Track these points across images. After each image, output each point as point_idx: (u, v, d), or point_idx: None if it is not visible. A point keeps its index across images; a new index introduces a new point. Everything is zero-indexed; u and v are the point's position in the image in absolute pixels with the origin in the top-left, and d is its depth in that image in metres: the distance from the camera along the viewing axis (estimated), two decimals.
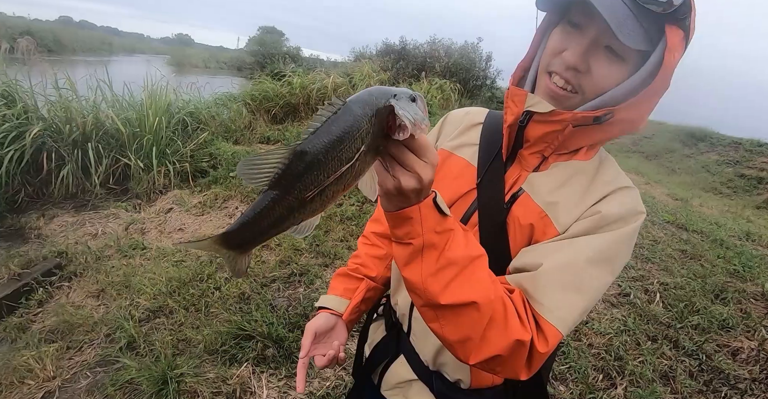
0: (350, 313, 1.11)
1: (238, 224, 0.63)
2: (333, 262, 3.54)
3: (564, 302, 0.72)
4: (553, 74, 0.81)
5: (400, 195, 0.62)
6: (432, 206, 0.65)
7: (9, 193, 4.08)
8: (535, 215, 0.83)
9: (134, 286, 2.99)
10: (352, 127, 0.55)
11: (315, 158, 0.55)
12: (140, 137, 4.78)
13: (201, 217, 4.20)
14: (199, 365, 2.35)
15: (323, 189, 0.57)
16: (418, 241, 0.65)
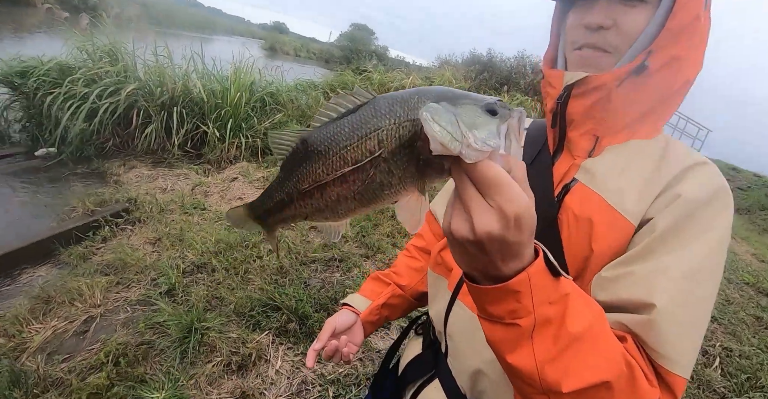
0: (369, 314, 1.09)
1: (257, 198, 0.64)
2: (375, 254, 3.59)
3: (687, 347, 0.62)
4: (581, 48, 0.77)
5: (460, 246, 0.49)
6: (544, 270, 0.51)
7: (99, 140, 4.53)
8: (595, 205, 0.73)
9: (186, 241, 3.21)
10: (367, 125, 0.49)
11: (315, 149, 0.52)
12: (220, 109, 5.11)
13: (261, 190, 4.41)
14: (225, 324, 2.48)
15: (323, 187, 0.53)
16: (528, 320, 0.51)
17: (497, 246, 0.46)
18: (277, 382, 2.23)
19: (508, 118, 0.46)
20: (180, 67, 5.36)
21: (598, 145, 0.79)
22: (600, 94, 0.74)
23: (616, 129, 0.78)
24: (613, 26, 0.73)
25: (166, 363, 2.16)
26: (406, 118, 0.47)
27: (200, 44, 5.95)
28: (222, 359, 2.23)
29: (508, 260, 0.49)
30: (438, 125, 0.43)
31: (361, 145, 0.49)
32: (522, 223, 0.45)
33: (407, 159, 0.48)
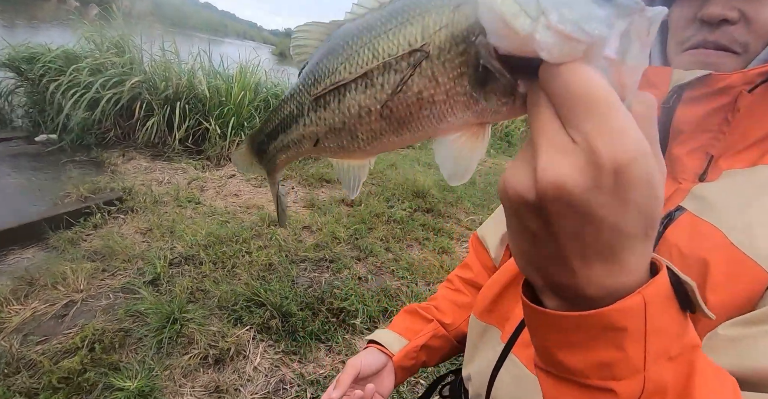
0: (404, 357, 0.88)
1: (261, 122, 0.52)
2: (367, 257, 3.55)
3: None
4: (693, 48, 0.62)
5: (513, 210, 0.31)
6: (669, 297, 0.32)
7: (101, 130, 4.54)
8: (712, 243, 0.55)
9: (177, 233, 3.19)
10: (410, 8, 0.35)
11: (341, 40, 0.39)
12: (224, 106, 5.12)
13: (257, 188, 4.40)
14: (206, 316, 2.45)
15: (342, 91, 0.39)
16: (631, 385, 0.31)
17: (573, 219, 0.27)
18: (254, 379, 2.18)
19: (631, 13, 0.28)
20: (186, 63, 5.39)
21: (713, 167, 0.61)
22: (724, 99, 0.57)
23: (739, 148, 0.60)
24: (741, 19, 0.58)
25: (142, 352, 2.13)
26: (465, 0, 0.32)
27: (209, 44, 6.00)
28: (199, 352, 2.19)
29: (592, 258, 0.29)
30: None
31: (399, 33, 0.35)
32: (626, 182, 0.26)
33: (460, 61, 0.33)
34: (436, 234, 4.15)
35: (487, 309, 0.80)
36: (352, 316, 2.75)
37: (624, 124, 0.26)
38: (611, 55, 0.28)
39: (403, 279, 3.32)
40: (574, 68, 0.27)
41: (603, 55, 0.28)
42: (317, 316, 2.69)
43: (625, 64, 0.28)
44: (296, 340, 2.48)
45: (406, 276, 3.35)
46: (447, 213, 4.64)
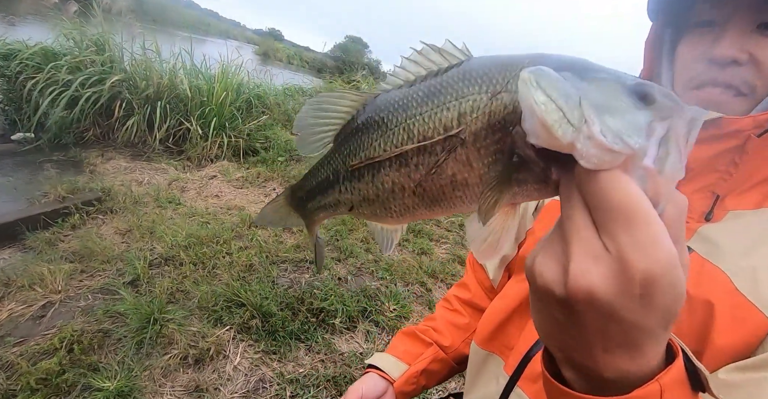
0: (405, 383, 0.88)
1: (299, 181, 0.53)
2: (347, 258, 3.58)
3: None
4: (702, 86, 0.63)
5: (541, 301, 0.34)
6: (684, 381, 0.35)
7: (79, 129, 4.47)
8: (718, 286, 0.56)
9: (157, 234, 3.18)
10: (447, 91, 0.35)
11: (376, 115, 0.40)
12: (205, 106, 5.10)
13: (239, 190, 4.41)
14: (186, 317, 2.46)
15: (377, 167, 0.40)
16: None
17: (600, 319, 0.30)
18: (234, 379, 2.21)
19: (671, 115, 0.29)
20: (168, 62, 5.34)
21: (719, 207, 0.62)
22: (733, 142, 0.59)
23: (744, 188, 0.62)
24: (749, 61, 0.59)
25: (121, 352, 2.13)
26: (504, 88, 0.32)
27: (191, 43, 5.96)
28: (179, 352, 2.20)
29: (614, 350, 0.31)
30: (543, 94, 0.28)
31: (435, 116, 0.35)
32: (653, 292, 0.28)
33: (495, 149, 0.33)
34: (416, 235, 4.21)
35: (489, 337, 0.80)
36: (331, 316, 2.79)
37: (656, 237, 0.27)
38: (648, 164, 0.29)
39: (382, 279, 3.38)
40: (612, 176, 0.28)
41: (643, 165, 0.29)
42: (297, 316, 2.72)
43: (662, 174, 0.29)
44: (276, 339, 2.51)
45: (386, 277, 3.41)
46: None
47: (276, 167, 5.00)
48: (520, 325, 0.76)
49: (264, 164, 5.08)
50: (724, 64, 0.60)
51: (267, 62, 17.15)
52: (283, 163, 5.15)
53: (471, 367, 0.85)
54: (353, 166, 0.42)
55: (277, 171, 4.92)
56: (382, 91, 0.41)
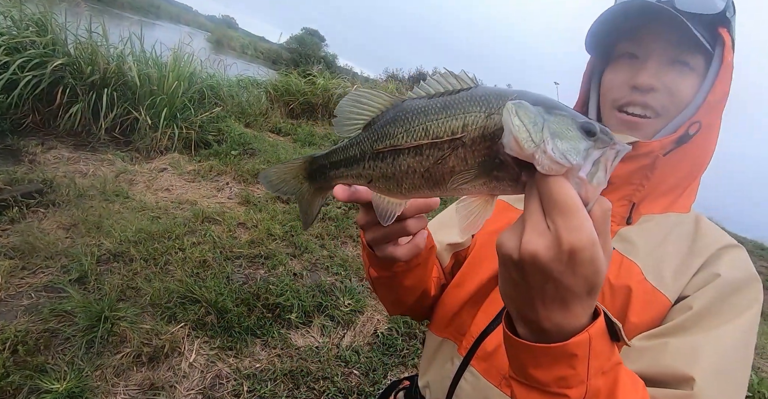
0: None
1: (323, 151, 0.61)
2: (302, 254, 3.59)
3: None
4: (625, 107, 0.76)
5: (504, 265, 0.45)
6: (605, 333, 0.45)
7: (17, 116, 4.15)
8: (634, 276, 0.71)
9: (104, 229, 3.04)
10: (458, 106, 0.47)
11: (403, 115, 0.51)
12: (155, 96, 4.88)
13: (191, 183, 4.27)
14: (139, 314, 2.39)
15: (398, 153, 0.51)
16: (578, 391, 0.44)
17: (539, 278, 0.41)
18: (190, 376, 2.18)
19: (605, 146, 0.42)
20: (116, 47, 5.05)
21: (635, 212, 0.76)
22: (646, 160, 0.72)
23: (654, 197, 0.77)
24: (664, 89, 0.73)
25: (70, 352, 2.05)
26: (497, 111, 0.45)
27: (141, 27, 5.66)
28: (132, 350, 2.15)
29: (551, 305, 0.42)
30: (519, 120, 0.41)
31: (447, 123, 0.47)
32: (577, 261, 0.39)
33: (485, 152, 0.46)
34: None
35: (445, 325, 0.89)
36: (287, 311, 2.80)
37: (582, 224, 0.38)
38: (583, 175, 0.41)
39: (337, 275, 3.42)
40: (557, 180, 0.40)
41: (578, 176, 0.41)
42: (253, 312, 2.71)
43: (591, 183, 0.41)
44: (232, 335, 2.50)
45: (341, 272, 3.45)
46: None
47: (229, 161, 4.87)
48: (472, 313, 0.84)
49: (217, 157, 4.94)
50: (645, 90, 0.73)
51: (220, 51, 16.54)
52: (236, 157, 5.03)
53: (427, 351, 0.93)
54: (379, 149, 0.53)
55: (230, 165, 4.80)
56: (408, 98, 0.52)
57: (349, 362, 2.61)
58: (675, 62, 0.73)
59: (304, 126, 7.41)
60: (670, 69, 0.73)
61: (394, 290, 0.81)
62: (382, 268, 0.75)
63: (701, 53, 0.73)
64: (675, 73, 0.73)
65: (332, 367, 2.53)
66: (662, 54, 0.73)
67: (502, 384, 0.76)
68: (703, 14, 0.71)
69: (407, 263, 0.73)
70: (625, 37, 0.77)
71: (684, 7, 0.70)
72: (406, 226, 0.63)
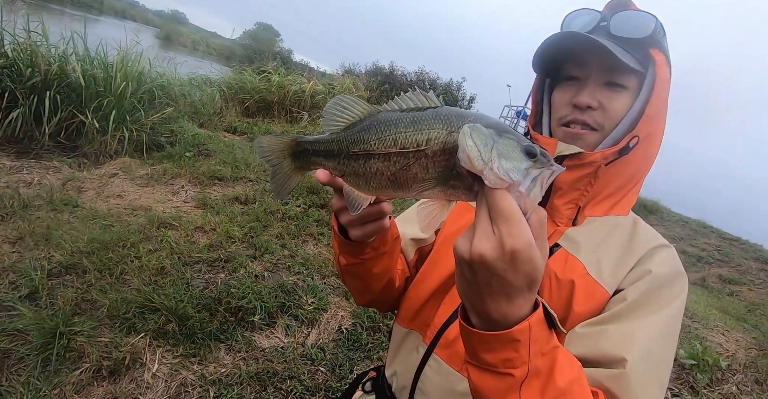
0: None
1: (310, 138, 0.67)
2: (263, 255, 3.55)
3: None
4: (569, 123, 0.84)
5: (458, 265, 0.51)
6: (543, 321, 0.52)
7: None
8: (577, 272, 0.79)
9: (54, 240, 2.91)
10: (425, 122, 0.54)
11: (377, 124, 0.57)
12: (102, 97, 4.65)
13: (144, 188, 4.13)
14: (96, 327, 2.31)
15: (369, 157, 0.57)
16: (522, 370, 0.51)
17: (486, 274, 0.47)
18: (154, 386, 2.14)
19: (543, 167, 0.49)
20: (57, 47, 4.76)
21: (580, 215, 0.85)
22: (590, 169, 0.81)
23: (597, 201, 0.85)
24: (600, 107, 0.81)
25: (25, 372, 1.96)
26: (456, 129, 0.51)
27: (84, 24, 5.34)
28: (91, 365, 2.08)
29: (497, 297, 0.49)
30: (472, 141, 0.48)
31: (413, 136, 0.54)
32: (518, 260, 0.45)
33: (444, 163, 0.53)
34: (331, 229, 4.26)
35: (411, 317, 0.96)
36: (250, 313, 2.78)
37: (521, 230, 0.45)
38: (521, 190, 0.48)
39: (299, 274, 3.41)
40: (501, 193, 0.47)
41: (518, 190, 0.47)
42: (215, 317, 2.67)
43: (528, 197, 0.48)
44: (195, 342, 2.46)
45: (302, 271, 3.45)
46: None
47: (183, 163, 4.73)
48: (435, 306, 0.91)
49: (170, 160, 4.78)
50: (583, 108, 0.82)
51: (170, 47, 15.86)
52: (191, 159, 4.89)
53: (393, 343, 1.00)
54: (353, 151, 0.59)
55: (184, 167, 4.66)
56: (383, 110, 0.59)
57: (315, 360, 2.63)
58: (609, 83, 0.82)
59: (260, 124, 7.28)
60: (605, 89, 0.82)
61: (362, 278, 0.88)
62: (352, 255, 0.82)
63: (633, 74, 0.81)
64: (609, 93, 0.81)
65: (298, 366, 2.54)
66: (598, 77, 0.82)
67: (463, 369, 0.83)
68: (633, 38, 0.80)
69: (375, 250, 0.81)
70: (569, 61, 0.86)
71: (618, 32, 0.80)
72: (382, 208, 0.69)
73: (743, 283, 9.36)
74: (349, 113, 0.62)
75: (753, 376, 3.83)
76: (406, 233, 1.00)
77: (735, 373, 3.82)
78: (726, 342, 4.83)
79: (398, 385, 0.95)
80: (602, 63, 0.81)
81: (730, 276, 9.60)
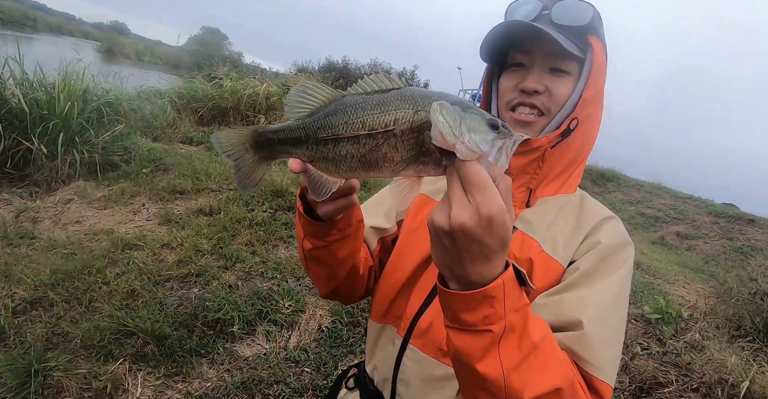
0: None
1: (273, 126, 0.66)
2: (234, 264, 3.51)
3: (611, 356, 0.72)
4: (517, 107, 0.88)
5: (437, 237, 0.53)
6: (515, 279, 0.56)
7: None
8: (533, 250, 0.83)
9: (14, 276, 2.79)
10: (391, 103, 0.55)
11: (343, 108, 0.58)
12: (48, 121, 4.44)
13: (103, 211, 3.99)
14: (71, 360, 2.25)
15: (339, 140, 0.58)
16: (499, 326, 0.55)
17: (467, 241, 0.50)
18: None
19: (505, 137, 0.52)
20: None
21: (532, 196, 0.90)
22: (537, 154, 0.85)
23: (546, 182, 0.90)
24: (546, 92, 0.85)
25: None
26: (422, 108, 0.53)
27: (17, 45, 5.07)
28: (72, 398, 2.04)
29: (477, 261, 0.52)
30: (443, 117, 0.49)
31: (380, 118, 0.55)
32: (493, 224, 0.49)
33: (413, 142, 0.54)
34: None
35: (384, 313, 0.98)
36: (228, 324, 2.77)
37: (493, 196, 0.48)
38: (490, 160, 0.50)
39: (273, 279, 3.40)
40: (472, 164, 0.49)
41: (487, 159, 0.50)
42: (193, 333, 2.65)
43: (496, 165, 0.51)
44: (176, 360, 2.44)
45: (276, 276, 3.43)
46: None
47: (141, 180, 4.59)
48: (406, 298, 0.94)
49: (127, 178, 4.62)
50: (530, 93, 0.86)
51: (112, 60, 15.22)
52: (148, 175, 4.75)
53: (370, 339, 1.03)
54: (322, 137, 0.59)
55: (143, 184, 4.51)
56: (348, 94, 0.60)
57: (299, 361, 2.66)
58: (553, 69, 0.86)
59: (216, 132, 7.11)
60: (549, 74, 0.86)
61: (327, 264, 0.88)
62: (318, 237, 0.82)
63: (574, 59, 0.86)
64: (554, 78, 0.86)
65: (283, 369, 2.56)
66: (542, 63, 0.86)
67: (438, 355, 0.87)
68: (573, 26, 0.85)
69: (341, 231, 0.81)
70: (514, 49, 0.90)
71: (558, 21, 0.84)
72: (350, 183, 0.71)
73: (699, 237, 9.89)
74: (314, 99, 0.62)
75: (713, 321, 4.09)
76: (368, 222, 1.01)
77: (697, 322, 4.07)
78: (687, 294, 5.13)
79: (380, 379, 0.98)
80: (547, 50, 0.85)
81: (687, 232, 10.13)
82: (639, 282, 5.00)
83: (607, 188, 15.70)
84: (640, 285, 4.89)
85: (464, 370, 0.59)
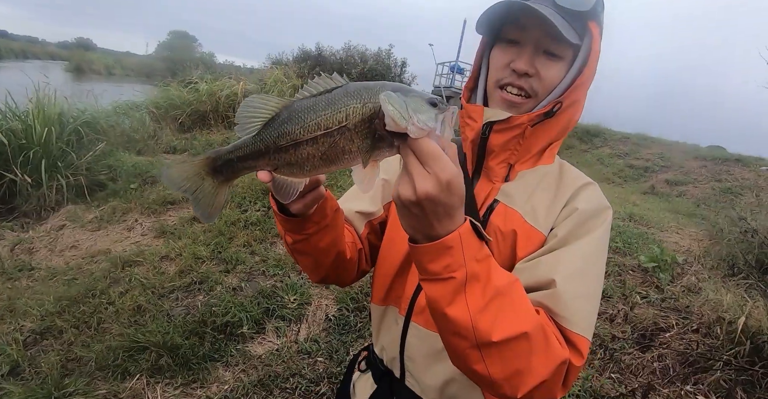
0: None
1: (227, 147, 0.67)
2: (235, 267, 3.53)
3: (585, 311, 0.74)
4: (506, 86, 0.88)
5: (405, 208, 0.58)
6: (472, 232, 0.61)
7: None
8: (516, 221, 0.85)
9: (19, 309, 2.80)
10: (339, 102, 0.59)
11: (296, 114, 0.61)
12: (27, 150, 4.39)
13: (97, 232, 3.99)
14: (89, 383, 2.28)
15: (298, 145, 0.61)
16: (461, 273, 0.60)
17: (433, 206, 0.56)
18: None
19: (444, 111, 0.57)
20: None
21: (512, 171, 0.92)
22: (518, 131, 0.87)
23: (526, 158, 0.92)
24: (536, 75, 0.85)
25: None
26: (369, 100, 0.58)
27: None
28: None
29: (443, 220, 0.58)
30: (391, 106, 0.53)
31: (333, 116, 0.59)
32: (452, 187, 0.55)
33: (366, 132, 0.59)
34: None
35: (383, 296, 1.01)
36: (237, 326, 2.80)
37: (448, 164, 0.54)
38: (437, 133, 0.55)
39: (275, 276, 3.42)
40: (425, 140, 0.54)
41: (435, 134, 0.55)
42: (204, 339, 2.68)
43: (443, 137, 0.56)
44: (191, 368, 2.47)
45: (278, 272, 3.46)
46: None
47: (130, 196, 4.57)
48: (403, 279, 0.96)
49: (116, 196, 4.60)
50: (521, 74, 0.85)
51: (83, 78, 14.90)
52: (137, 190, 4.73)
53: (374, 322, 1.06)
54: (281, 145, 0.63)
55: (133, 200, 4.49)
56: (296, 99, 0.63)
57: (311, 352, 2.70)
58: (546, 52, 0.85)
59: (199, 137, 7.03)
60: (542, 57, 0.85)
61: (311, 254, 0.90)
62: (296, 232, 0.84)
63: (569, 45, 0.84)
64: (546, 61, 0.85)
65: (297, 362, 2.61)
66: (537, 44, 0.85)
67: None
68: (576, 11, 0.83)
69: (317, 224, 0.83)
70: (510, 23, 0.88)
71: (563, 3, 0.82)
72: (316, 178, 0.73)
73: (688, 182, 9.97)
74: (264, 110, 0.64)
75: (708, 263, 4.16)
76: (352, 208, 1.04)
77: (692, 265, 4.14)
78: (681, 239, 5.20)
79: (388, 358, 1.01)
80: (543, 32, 0.83)
81: (676, 178, 10.20)
82: (633, 233, 5.05)
83: (594, 144, 15.74)
84: (634, 236, 4.94)
85: (437, 317, 0.65)
